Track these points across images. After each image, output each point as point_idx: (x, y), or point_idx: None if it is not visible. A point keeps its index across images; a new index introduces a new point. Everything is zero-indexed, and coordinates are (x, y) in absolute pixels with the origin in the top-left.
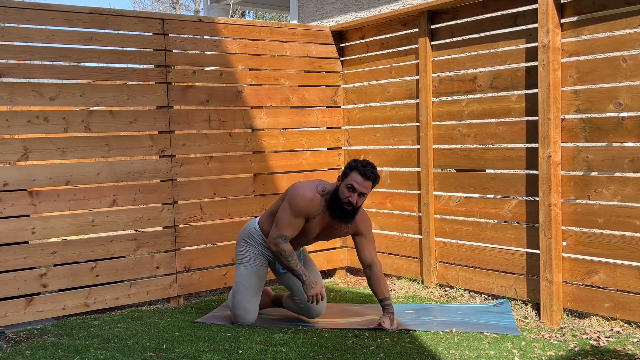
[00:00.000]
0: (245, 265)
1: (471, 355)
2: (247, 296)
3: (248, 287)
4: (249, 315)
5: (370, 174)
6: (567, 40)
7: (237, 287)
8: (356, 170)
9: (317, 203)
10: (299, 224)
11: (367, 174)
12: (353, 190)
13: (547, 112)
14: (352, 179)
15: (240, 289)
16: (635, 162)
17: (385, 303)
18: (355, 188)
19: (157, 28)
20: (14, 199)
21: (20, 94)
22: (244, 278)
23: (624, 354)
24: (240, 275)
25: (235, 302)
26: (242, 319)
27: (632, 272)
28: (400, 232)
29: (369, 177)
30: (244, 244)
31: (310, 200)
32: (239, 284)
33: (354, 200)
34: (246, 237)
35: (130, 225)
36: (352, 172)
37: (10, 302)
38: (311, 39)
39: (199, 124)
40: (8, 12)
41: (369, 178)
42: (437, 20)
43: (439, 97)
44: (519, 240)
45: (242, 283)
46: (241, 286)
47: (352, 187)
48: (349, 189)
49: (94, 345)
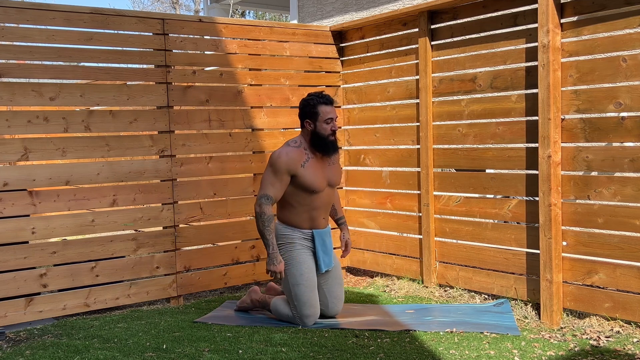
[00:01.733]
0: (292, 267)
1: (471, 355)
2: (309, 293)
3: (307, 285)
4: (317, 311)
5: (329, 97)
6: (567, 40)
7: (296, 290)
8: (320, 104)
9: (297, 154)
10: (283, 181)
11: (329, 100)
12: (332, 120)
13: (547, 112)
14: (324, 112)
15: (302, 290)
16: (635, 162)
17: (341, 222)
18: (332, 117)
19: (157, 28)
20: (14, 199)
21: (20, 94)
22: (298, 279)
23: (624, 354)
24: (296, 276)
25: (300, 304)
26: (313, 317)
27: (632, 272)
28: (400, 232)
29: (332, 101)
30: (280, 248)
31: (286, 156)
32: (297, 287)
33: (335, 127)
34: (279, 239)
35: (130, 225)
36: (318, 107)
37: (10, 302)
38: (311, 39)
39: (199, 124)
40: (8, 12)
41: (332, 102)
42: (437, 20)
43: (439, 97)
44: (519, 240)
45: (300, 284)
46: (301, 287)
47: (329, 119)
48: (328, 122)
49: (94, 345)
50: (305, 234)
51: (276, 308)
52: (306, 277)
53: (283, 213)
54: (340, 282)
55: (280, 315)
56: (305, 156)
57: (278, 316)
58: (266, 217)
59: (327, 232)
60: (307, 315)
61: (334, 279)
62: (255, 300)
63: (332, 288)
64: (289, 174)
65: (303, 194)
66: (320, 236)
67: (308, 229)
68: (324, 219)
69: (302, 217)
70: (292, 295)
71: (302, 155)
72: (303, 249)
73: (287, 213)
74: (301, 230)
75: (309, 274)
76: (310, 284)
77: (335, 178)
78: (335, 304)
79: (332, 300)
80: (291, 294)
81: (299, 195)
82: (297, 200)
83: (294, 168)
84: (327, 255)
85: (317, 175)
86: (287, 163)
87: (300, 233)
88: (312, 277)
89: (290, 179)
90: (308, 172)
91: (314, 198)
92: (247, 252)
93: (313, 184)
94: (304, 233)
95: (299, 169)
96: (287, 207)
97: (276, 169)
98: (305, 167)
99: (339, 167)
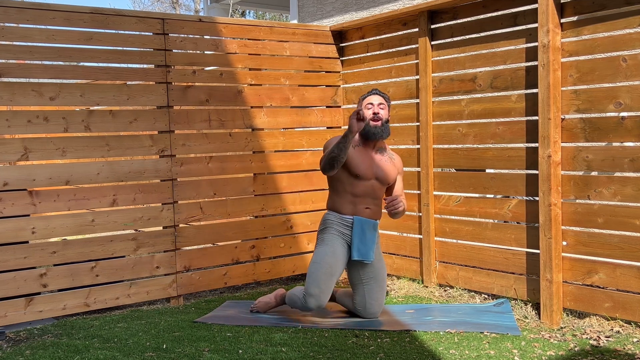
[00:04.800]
0: (319, 246)
1: (471, 355)
2: (323, 276)
3: (323, 267)
4: (323, 296)
5: (376, 90)
6: (567, 40)
7: (311, 267)
8: (365, 97)
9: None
10: None
11: (373, 91)
12: (372, 106)
13: (547, 112)
14: (366, 101)
15: (316, 268)
16: (635, 162)
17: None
18: (373, 103)
19: (157, 28)
20: (14, 198)
21: (20, 94)
22: (318, 257)
23: (624, 354)
24: (316, 255)
25: (309, 282)
26: (316, 299)
27: (632, 272)
28: (400, 232)
29: (376, 92)
30: (319, 232)
31: (337, 138)
32: (313, 264)
33: (376, 110)
34: (321, 225)
35: (130, 225)
36: (363, 99)
37: (10, 302)
38: (311, 39)
39: (199, 123)
40: (8, 12)
41: (376, 93)
42: (437, 20)
43: (439, 97)
44: (519, 240)
45: (318, 263)
46: (316, 266)
47: (370, 104)
48: (368, 108)
49: (94, 345)
50: (345, 221)
51: (291, 294)
52: (326, 261)
53: (330, 199)
54: (382, 286)
55: (292, 301)
56: (357, 141)
57: (290, 299)
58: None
59: (371, 223)
60: (311, 293)
61: (375, 282)
62: (278, 296)
63: (372, 289)
64: None
65: (349, 178)
66: (361, 223)
67: (350, 215)
68: (368, 209)
69: (345, 201)
70: (308, 272)
71: (354, 140)
72: (337, 235)
73: (333, 197)
74: (342, 216)
75: (331, 259)
76: (326, 268)
77: (383, 173)
78: (373, 305)
79: (370, 301)
80: (309, 270)
81: (345, 180)
82: (342, 185)
83: None
84: (364, 245)
85: (364, 161)
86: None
87: (340, 219)
88: (332, 263)
89: None
90: (355, 155)
91: (358, 184)
92: (247, 252)
93: (358, 167)
94: (344, 219)
95: (350, 149)
96: (333, 192)
97: (328, 146)
98: (355, 149)
99: (393, 168)
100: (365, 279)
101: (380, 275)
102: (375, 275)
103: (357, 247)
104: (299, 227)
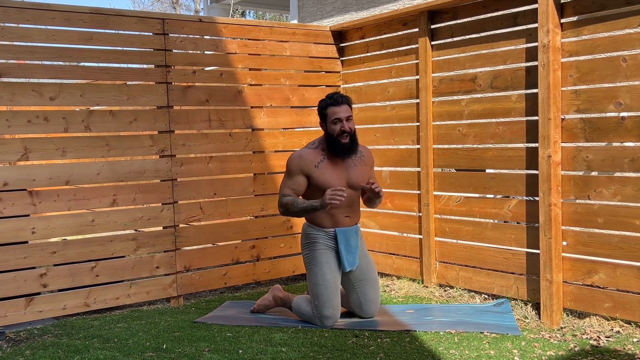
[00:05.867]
0: (313, 266)
1: (471, 355)
2: (330, 294)
3: (327, 286)
4: (337, 312)
5: (339, 97)
6: (567, 40)
7: (316, 290)
8: (329, 105)
9: (312, 155)
10: (298, 181)
11: (338, 100)
12: (340, 121)
13: (547, 112)
14: (332, 113)
15: (321, 291)
16: (635, 162)
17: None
18: (340, 117)
19: (157, 28)
20: (14, 198)
21: (20, 94)
22: (320, 278)
23: (624, 354)
24: (315, 276)
25: (320, 305)
26: (333, 318)
27: (632, 272)
28: (400, 232)
29: (342, 101)
30: (304, 247)
31: (299, 157)
32: (317, 287)
33: (346, 127)
34: (303, 239)
35: (130, 225)
36: (327, 109)
37: (10, 302)
38: (311, 39)
39: (199, 123)
40: (8, 12)
41: (342, 102)
42: (437, 20)
43: (439, 97)
44: (519, 240)
45: (320, 284)
46: (321, 288)
47: (337, 119)
48: (336, 123)
49: (94, 345)
50: (328, 233)
51: (299, 306)
52: (327, 278)
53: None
54: (374, 285)
55: (301, 314)
56: (320, 157)
57: (299, 315)
58: (289, 203)
59: (352, 231)
60: (326, 316)
61: (367, 282)
62: (277, 297)
63: (366, 291)
64: (303, 174)
65: (320, 194)
66: (344, 234)
67: (331, 228)
68: (348, 217)
69: (324, 215)
70: (313, 295)
71: (316, 156)
72: (326, 249)
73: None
74: (324, 230)
75: (330, 275)
76: (330, 285)
77: (356, 179)
78: (369, 306)
79: (366, 303)
80: (313, 292)
81: (317, 195)
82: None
83: (307, 169)
84: (351, 254)
85: (334, 174)
86: (298, 164)
87: (323, 233)
88: (332, 278)
89: (307, 179)
90: (322, 173)
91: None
92: (247, 252)
93: (328, 182)
94: (327, 232)
95: (313, 170)
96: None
97: (289, 171)
98: (320, 167)
99: (365, 168)
100: (356, 283)
101: (371, 276)
102: (366, 277)
103: (345, 258)
104: (298, 227)
